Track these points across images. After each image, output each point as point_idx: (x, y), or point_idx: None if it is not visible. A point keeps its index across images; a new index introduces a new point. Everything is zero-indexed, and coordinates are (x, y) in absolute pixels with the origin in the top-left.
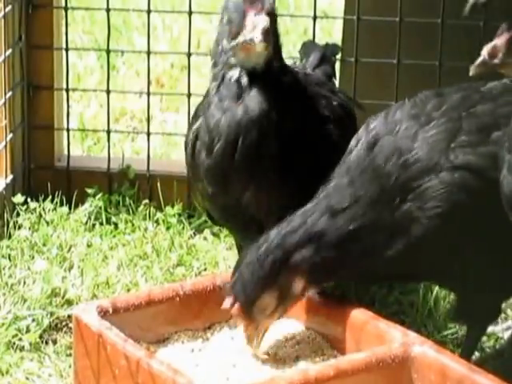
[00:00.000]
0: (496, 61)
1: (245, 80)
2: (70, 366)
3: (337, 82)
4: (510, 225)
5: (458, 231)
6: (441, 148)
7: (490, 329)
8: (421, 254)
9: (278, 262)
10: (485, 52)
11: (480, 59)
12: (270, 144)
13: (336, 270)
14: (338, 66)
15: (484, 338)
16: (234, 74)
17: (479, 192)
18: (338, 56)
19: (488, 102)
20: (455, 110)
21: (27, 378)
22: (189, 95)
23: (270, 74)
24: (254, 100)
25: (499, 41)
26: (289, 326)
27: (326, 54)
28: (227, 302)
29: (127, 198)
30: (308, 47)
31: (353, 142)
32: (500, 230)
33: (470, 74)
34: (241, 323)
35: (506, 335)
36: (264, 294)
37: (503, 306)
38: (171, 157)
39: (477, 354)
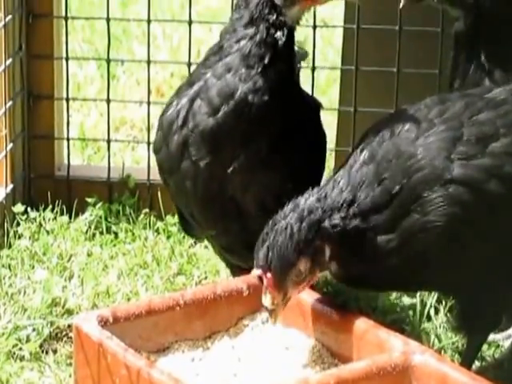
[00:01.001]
0: None
1: (281, 43)
2: (70, 376)
3: (337, 89)
4: (508, 234)
5: (457, 244)
6: (441, 158)
7: (491, 337)
8: (422, 265)
9: (314, 228)
10: None
11: None
12: (277, 118)
13: (360, 245)
14: (338, 74)
15: (484, 347)
16: (280, 34)
17: (475, 205)
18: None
19: (490, 111)
20: (457, 117)
21: None
22: None
23: (292, 49)
24: (276, 73)
25: None
26: (289, 334)
27: None
28: (258, 270)
29: (127, 207)
30: None
31: (356, 145)
32: (500, 240)
33: (400, 6)
34: (269, 295)
35: (507, 344)
36: (300, 259)
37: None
38: None
39: (477, 362)
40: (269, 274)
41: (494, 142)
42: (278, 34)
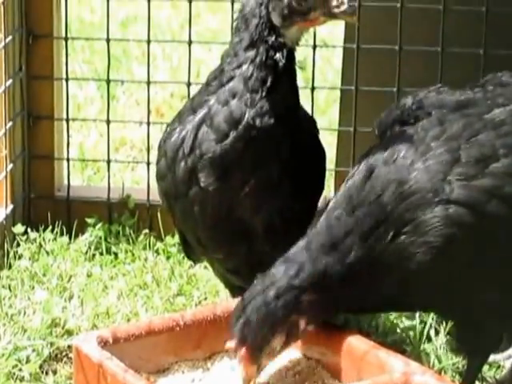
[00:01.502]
0: None
1: (281, 64)
2: None
3: (337, 110)
4: (508, 254)
5: (454, 266)
6: (437, 180)
7: (492, 357)
8: (418, 287)
9: (290, 306)
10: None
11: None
12: (285, 140)
13: (339, 305)
14: (338, 94)
15: (485, 368)
16: (280, 56)
17: (475, 226)
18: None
19: (489, 131)
20: (455, 139)
21: None
22: None
23: (294, 70)
24: (281, 96)
25: None
26: (289, 356)
27: None
28: (232, 343)
29: (127, 228)
30: None
31: (354, 169)
32: (498, 261)
33: None
34: (241, 363)
35: (507, 364)
36: (275, 337)
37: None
38: None
39: (478, 383)
40: (243, 349)
41: (494, 163)
42: (278, 55)
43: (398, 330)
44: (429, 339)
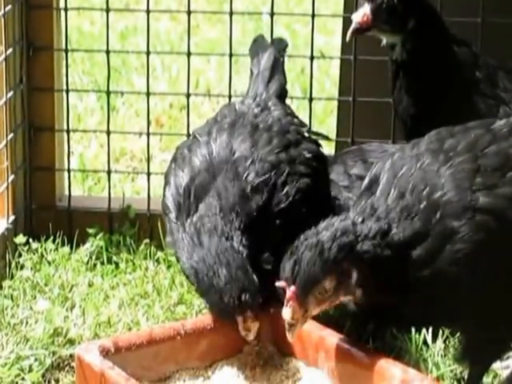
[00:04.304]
0: (366, 26)
1: None
2: None
3: (335, 120)
4: None
5: (479, 272)
6: (464, 189)
7: None
8: (450, 297)
9: (345, 249)
10: (356, 20)
11: (353, 27)
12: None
13: (389, 275)
14: (336, 105)
15: None
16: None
17: (500, 232)
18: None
19: (500, 142)
20: (470, 150)
21: None
22: (188, 135)
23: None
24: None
25: (365, 9)
26: (290, 364)
27: (276, 56)
28: (282, 283)
29: (128, 238)
30: (258, 45)
31: (375, 170)
32: None
33: (347, 39)
34: (290, 308)
35: (504, 374)
36: (326, 277)
37: None
38: None
39: None
40: (292, 287)
41: (509, 172)
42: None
43: (397, 337)
44: (426, 346)
